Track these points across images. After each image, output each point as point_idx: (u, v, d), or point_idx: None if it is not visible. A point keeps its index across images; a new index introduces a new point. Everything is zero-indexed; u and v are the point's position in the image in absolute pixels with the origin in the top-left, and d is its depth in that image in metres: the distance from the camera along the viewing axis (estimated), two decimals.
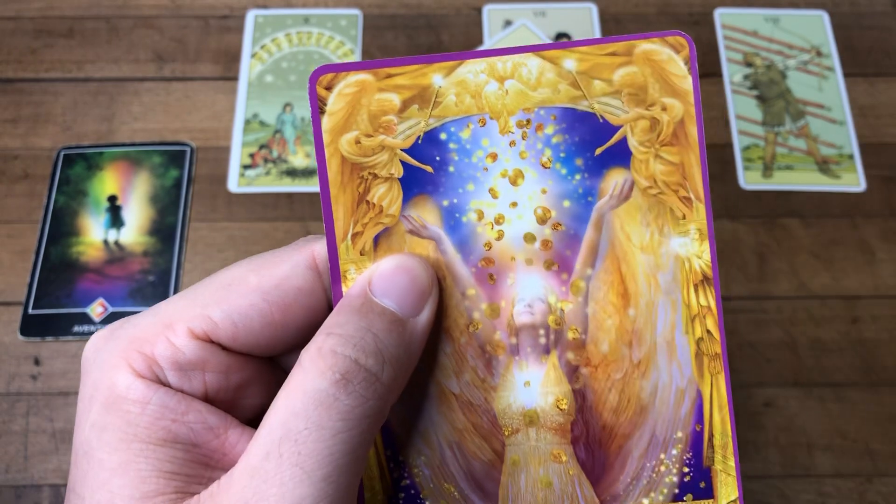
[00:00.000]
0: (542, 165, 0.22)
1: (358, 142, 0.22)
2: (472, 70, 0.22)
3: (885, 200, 0.60)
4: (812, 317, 0.56)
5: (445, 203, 0.22)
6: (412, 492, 0.23)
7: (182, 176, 0.60)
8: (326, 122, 0.22)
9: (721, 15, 0.68)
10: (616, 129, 0.22)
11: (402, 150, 0.22)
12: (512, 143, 0.22)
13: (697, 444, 0.23)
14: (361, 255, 0.22)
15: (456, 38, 0.66)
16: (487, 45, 0.66)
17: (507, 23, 0.67)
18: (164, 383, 0.21)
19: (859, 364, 0.55)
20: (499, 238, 0.22)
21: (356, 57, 0.65)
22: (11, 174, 0.60)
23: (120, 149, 0.61)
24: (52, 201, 0.59)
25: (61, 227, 0.58)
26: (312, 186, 0.60)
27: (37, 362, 0.54)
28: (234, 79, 0.64)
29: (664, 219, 0.22)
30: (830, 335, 0.56)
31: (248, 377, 0.23)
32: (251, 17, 0.67)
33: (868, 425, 0.53)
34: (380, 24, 0.67)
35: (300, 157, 0.61)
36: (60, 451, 0.52)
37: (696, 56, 0.22)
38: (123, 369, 0.21)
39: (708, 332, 0.22)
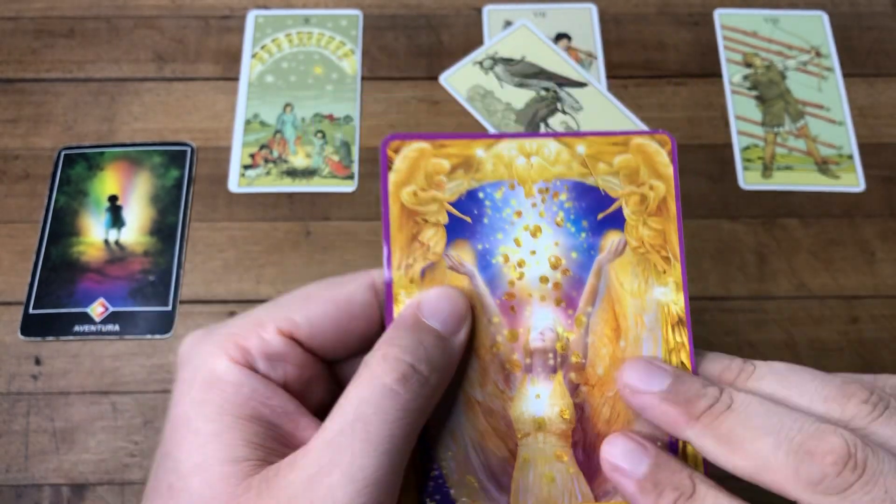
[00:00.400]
0: (556, 224, 0.28)
1: (415, 194, 0.27)
2: (506, 147, 0.28)
3: (885, 200, 0.60)
4: (812, 317, 0.56)
5: (479, 247, 0.28)
6: (440, 481, 0.27)
7: (182, 176, 0.60)
8: (392, 177, 0.27)
9: (721, 15, 0.68)
10: (614, 200, 0.28)
11: (448, 203, 0.28)
12: (534, 205, 0.28)
13: (674, 451, 0.27)
14: (411, 282, 0.27)
15: (456, 38, 0.66)
16: (487, 45, 0.66)
17: (507, 23, 0.67)
18: (254, 371, 0.26)
19: (859, 364, 0.55)
20: (520, 278, 0.28)
21: (356, 56, 0.65)
22: (12, 174, 0.60)
23: (120, 149, 0.61)
24: (53, 201, 0.59)
25: (62, 227, 0.58)
26: (312, 186, 0.60)
27: (37, 362, 0.54)
28: (235, 79, 0.64)
29: (649, 272, 0.28)
30: (830, 335, 0.56)
31: (315, 375, 0.28)
32: (251, 17, 0.67)
33: None
34: (380, 24, 0.67)
35: (300, 158, 0.61)
36: (61, 451, 0.52)
37: (676, 150, 0.28)
38: (222, 357, 0.25)
39: (682, 363, 0.27)
